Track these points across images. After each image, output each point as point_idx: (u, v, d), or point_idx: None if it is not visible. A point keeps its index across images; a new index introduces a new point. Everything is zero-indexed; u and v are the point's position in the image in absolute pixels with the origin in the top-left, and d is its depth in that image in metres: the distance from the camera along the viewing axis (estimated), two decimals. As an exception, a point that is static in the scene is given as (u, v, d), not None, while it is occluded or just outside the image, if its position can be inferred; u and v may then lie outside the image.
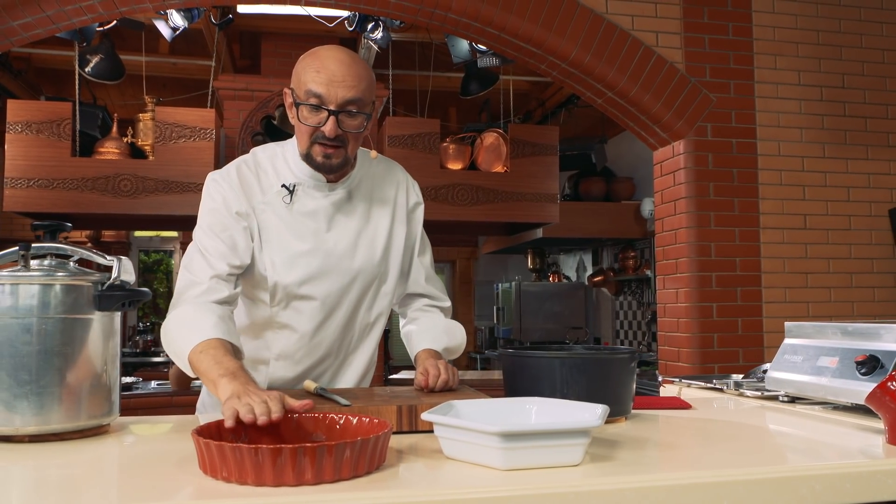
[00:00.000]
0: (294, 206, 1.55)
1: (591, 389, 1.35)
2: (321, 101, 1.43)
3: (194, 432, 0.98)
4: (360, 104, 1.46)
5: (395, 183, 1.68)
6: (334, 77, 1.43)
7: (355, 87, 1.44)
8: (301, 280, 1.54)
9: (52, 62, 6.59)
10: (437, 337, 1.65)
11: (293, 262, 1.53)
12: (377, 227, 1.62)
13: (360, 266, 1.59)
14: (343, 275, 1.57)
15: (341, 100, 1.44)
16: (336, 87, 1.43)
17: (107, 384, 1.28)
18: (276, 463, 0.89)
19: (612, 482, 0.96)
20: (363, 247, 1.59)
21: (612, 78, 3.41)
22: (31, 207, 4.46)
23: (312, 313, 1.56)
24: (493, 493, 0.91)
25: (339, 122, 1.45)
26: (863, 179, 3.66)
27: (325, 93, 1.43)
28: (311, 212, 1.56)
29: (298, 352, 1.54)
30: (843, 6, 3.71)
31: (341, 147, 1.49)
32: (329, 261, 1.56)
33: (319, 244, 1.55)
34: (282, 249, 1.53)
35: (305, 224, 1.55)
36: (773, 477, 1.01)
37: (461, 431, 1.02)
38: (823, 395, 1.55)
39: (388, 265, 1.64)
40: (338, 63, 1.45)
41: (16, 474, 1.05)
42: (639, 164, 7.10)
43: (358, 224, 1.60)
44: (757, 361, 3.38)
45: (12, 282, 1.21)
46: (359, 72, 1.47)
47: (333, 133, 1.45)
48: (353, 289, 1.59)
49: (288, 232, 1.54)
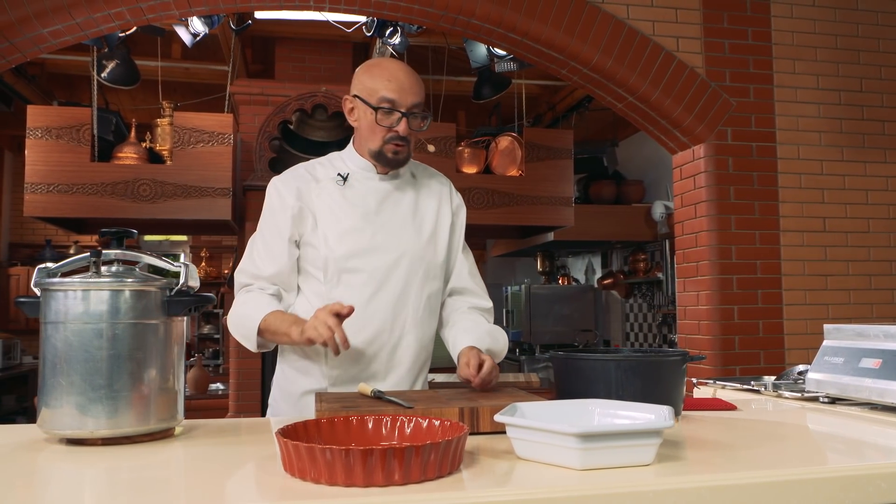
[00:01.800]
0: (346, 190, 1.74)
1: (646, 391, 1.37)
2: (394, 105, 1.66)
3: (278, 434, 1.01)
4: (422, 107, 1.71)
5: (439, 181, 1.88)
6: (403, 85, 1.67)
7: (419, 94, 1.70)
8: (350, 253, 1.69)
9: (65, 67, 6.63)
10: (481, 338, 1.72)
11: (342, 237, 1.70)
12: (424, 214, 1.79)
13: (407, 244, 1.73)
14: (391, 251, 1.72)
15: (410, 104, 1.67)
16: (406, 94, 1.66)
17: (174, 388, 1.31)
18: (366, 464, 0.92)
19: (687, 481, 0.99)
20: (410, 228, 1.75)
21: (634, 83, 3.44)
22: (51, 212, 4.49)
23: (362, 287, 1.69)
24: (577, 493, 0.94)
25: (409, 123, 1.68)
26: (881, 182, 3.69)
27: (397, 98, 1.66)
28: (361, 195, 1.74)
29: (352, 327, 1.60)
30: (861, 11, 3.74)
31: (408, 144, 1.71)
32: (377, 238, 1.71)
33: (368, 223, 1.72)
34: (333, 226, 1.71)
35: (356, 205, 1.73)
36: (839, 475, 1.04)
37: (537, 433, 1.05)
38: (867, 396, 1.57)
39: (435, 248, 1.78)
40: (405, 73, 1.69)
41: (102, 477, 1.07)
42: (648, 168, 7.13)
43: (406, 209, 1.77)
44: (778, 363, 3.41)
45: (84, 288, 1.24)
46: (419, 81, 1.73)
47: (406, 132, 1.68)
48: (400, 265, 1.72)
49: (340, 211, 1.72)
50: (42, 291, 1.26)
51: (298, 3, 3.33)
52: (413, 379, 1.75)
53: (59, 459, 1.17)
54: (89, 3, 2.95)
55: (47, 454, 1.20)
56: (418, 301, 1.73)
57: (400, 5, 3.33)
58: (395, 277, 1.71)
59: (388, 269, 1.71)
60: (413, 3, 3.30)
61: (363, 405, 1.35)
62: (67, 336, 1.22)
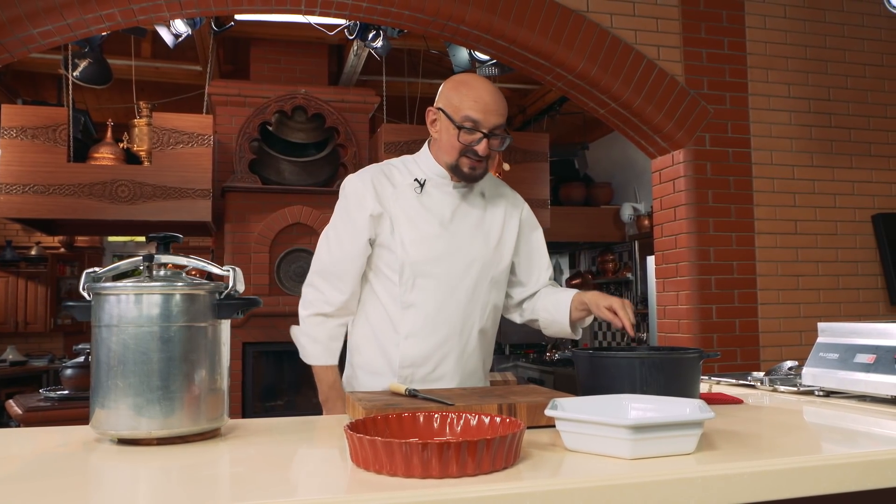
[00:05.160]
0: (423, 197, 1.80)
1: (668, 386, 1.46)
2: (476, 125, 1.71)
3: (347, 428, 1.06)
4: (503, 128, 1.76)
5: (503, 196, 1.93)
6: (488, 106, 1.71)
7: (503, 115, 1.74)
8: (426, 258, 1.76)
9: (31, 65, 6.49)
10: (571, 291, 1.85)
11: (421, 242, 1.77)
12: (492, 223, 1.85)
13: (477, 252, 1.80)
14: (463, 257, 1.79)
15: (492, 125, 1.72)
16: (490, 115, 1.71)
17: (221, 388, 1.34)
18: (442, 456, 0.98)
19: (730, 468, 1.07)
20: (480, 236, 1.82)
21: (617, 89, 3.55)
22: (26, 213, 4.42)
23: (435, 292, 1.76)
24: (633, 480, 1.01)
25: (490, 143, 1.74)
26: (848, 187, 3.88)
27: (481, 119, 1.71)
28: (437, 202, 1.81)
29: (424, 329, 1.69)
30: (829, 23, 3.92)
31: (484, 161, 1.77)
32: (452, 244, 1.78)
33: (444, 229, 1.79)
34: (411, 231, 1.77)
35: (432, 212, 1.79)
36: (863, 461, 1.14)
37: (589, 426, 1.12)
38: (863, 390, 1.69)
39: (501, 256, 1.85)
40: (490, 94, 1.73)
41: (174, 474, 1.11)
42: (616, 170, 7.30)
43: (476, 218, 1.83)
44: (753, 360, 3.56)
45: (138, 291, 1.27)
46: (504, 102, 1.77)
47: (486, 152, 1.74)
48: (471, 271, 1.80)
49: (417, 217, 1.78)
50: (94, 295, 1.29)
51: (289, 6, 3.35)
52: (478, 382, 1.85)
53: (116, 459, 1.20)
54: (82, 5, 2.94)
55: (102, 454, 1.22)
56: (485, 306, 1.82)
57: (390, 11, 3.38)
58: (466, 283, 1.79)
59: (459, 274, 1.78)
60: (403, 8, 3.35)
61: (404, 403, 1.41)
62: (124, 339, 1.25)
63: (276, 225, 5.06)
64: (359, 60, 5.58)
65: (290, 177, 5.24)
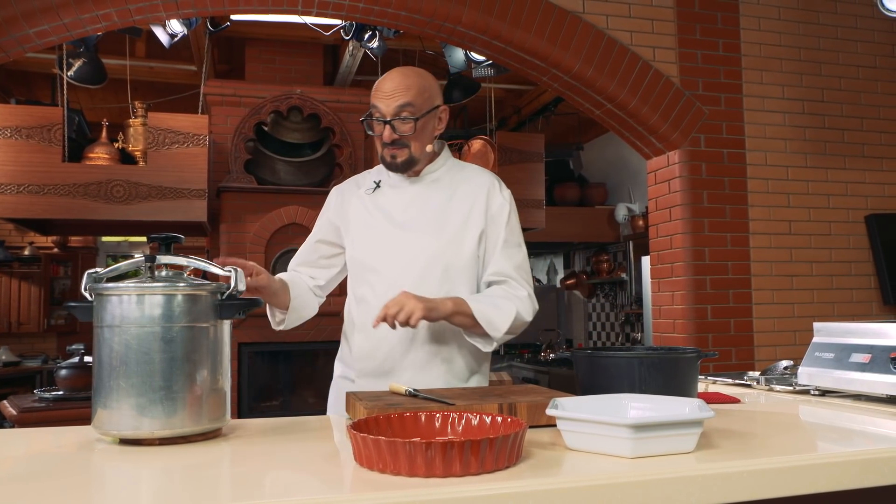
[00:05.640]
0: (377, 197, 1.86)
1: (667, 386, 1.47)
2: (378, 112, 1.75)
3: (350, 427, 1.07)
4: (411, 110, 1.74)
5: (476, 185, 1.85)
6: (385, 92, 1.74)
7: (403, 96, 1.73)
8: (371, 254, 1.80)
9: (24, 64, 6.47)
10: (479, 298, 1.74)
11: (367, 239, 1.82)
12: (451, 216, 1.81)
13: (427, 243, 1.78)
14: (409, 251, 1.78)
15: (394, 107, 1.73)
16: (386, 100, 1.74)
17: (223, 388, 1.35)
18: (446, 456, 0.98)
19: (730, 466, 1.08)
20: (433, 230, 1.79)
21: (613, 90, 3.57)
22: (20, 213, 4.41)
23: (378, 286, 1.78)
24: (634, 478, 1.02)
25: (394, 127, 1.74)
26: (841, 188, 3.91)
27: (379, 105, 1.75)
28: (390, 200, 1.85)
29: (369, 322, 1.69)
30: (822, 25, 3.95)
31: (404, 148, 1.77)
32: (400, 238, 1.79)
33: (391, 225, 1.81)
34: (360, 230, 1.84)
35: (383, 209, 1.83)
36: (860, 459, 1.15)
37: (590, 425, 1.13)
38: (859, 389, 1.70)
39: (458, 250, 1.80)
40: (389, 80, 1.75)
41: (177, 474, 1.12)
42: (611, 171, 7.33)
43: (432, 212, 1.81)
44: (748, 360, 3.59)
45: (140, 292, 1.27)
46: (408, 83, 1.75)
47: (389, 138, 1.75)
48: (416, 264, 1.77)
49: (368, 217, 1.84)
50: (96, 296, 1.29)
51: (286, 6, 3.36)
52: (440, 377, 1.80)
53: (118, 459, 1.20)
54: (78, 4, 2.93)
55: (104, 454, 1.23)
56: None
57: (388, 12, 3.39)
58: (410, 275, 1.76)
59: (402, 268, 1.77)
60: (401, 9, 3.36)
61: (405, 403, 1.41)
62: (126, 339, 1.25)
63: (271, 225, 5.06)
64: (354, 60, 5.58)
65: (286, 177, 5.24)
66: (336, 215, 1.92)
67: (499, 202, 1.83)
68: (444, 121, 1.85)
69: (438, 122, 1.83)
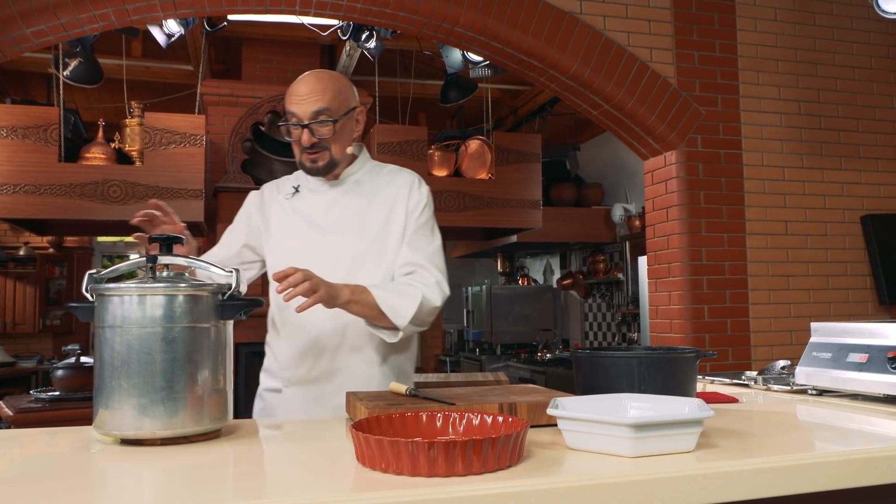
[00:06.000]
0: (296, 201, 1.85)
1: (666, 385, 1.48)
2: (295, 117, 1.73)
3: (352, 427, 1.08)
4: (328, 113, 1.72)
5: (396, 185, 1.85)
6: (300, 97, 1.72)
7: (319, 99, 1.71)
8: (290, 259, 1.69)
9: (20, 64, 6.46)
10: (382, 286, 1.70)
11: (286, 245, 1.80)
12: (372, 217, 1.80)
13: (349, 245, 1.77)
14: (330, 253, 1.76)
15: (310, 112, 1.71)
16: (304, 104, 1.71)
17: (224, 389, 1.35)
18: (448, 455, 0.99)
19: (730, 465, 1.09)
20: (354, 230, 1.79)
21: (610, 91, 3.57)
22: (17, 214, 4.40)
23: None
24: (635, 478, 1.03)
25: (313, 131, 1.72)
26: (837, 188, 3.93)
27: (296, 110, 1.72)
28: (309, 204, 1.83)
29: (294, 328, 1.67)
30: (818, 26, 3.97)
31: (324, 151, 1.75)
32: (320, 242, 1.78)
33: (311, 229, 1.80)
34: (280, 236, 1.82)
35: (302, 214, 1.82)
36: (858, 458, 1.16)
37: (591, 424, 1.14)
38: (856, 388, 1.71)
39: (382, 250, 1.78)
40: (303, 84, 1.73)
41: (179, 474, 1.12)
42: (607, 171, 7.34)
43: (353, 214, 1.81)
44: (744, 359, 3.60)
45: (141, 293, 1.27)
46: (323, 86, 1.72)
47: (309, 142, 1.73)
48: (339, 266, 1.74)
49: (287, 221, 1.83)
50: (97, 296, 1.29)
51: (284, 7, 3.36)
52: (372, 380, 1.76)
53: (120, 459, 1.20)
54: (76, 4, 2.93)
55: (106, 454, 1.23)
56: None
57: (385, 12, 3.39)
58: (335, 278, 1.68)
59: (326, 272, 1.67)
60: (399, 9, 3.36)
61: (405, 402, 1.42)
62: (128, 340, 1.25)
63: (268, 225, 5.05)
64: (351, 61, 5.58)
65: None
66: (260, 219, 1.87)
67: (416, 199, 1.82)
68: (362, 122, 1.83)
69: (356, 124, 1.81)
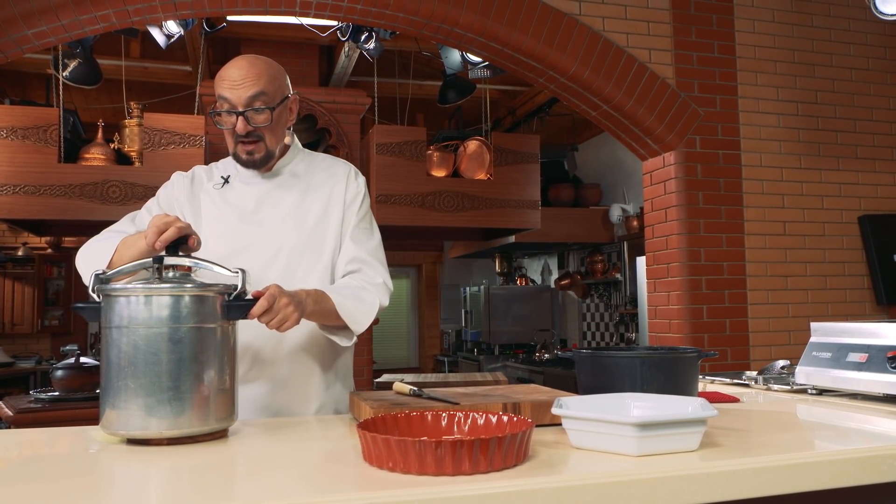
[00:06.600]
0: (226, 192, 1.73)
1: (668, 385, 1.49)
2: (229, 103, 1.60)
3: (358, 427, 1.08)
4: (264, 99, 1.61)
5: (332, 175, 1.79)
6: (234, 81, 1.59)
7: (255, 84, 1.59)
8: (226, 253, 1.63)
9: (18, 65, 6.45)
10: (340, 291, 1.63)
11: (219, 238, 1.68)
12: (309, 209, 1.73)
13: (286, 238, 1.70)
14: (267, 247, 1.69)
15: (245, 97, 1.59)
16: (238, 90, 1.59)
17: (230, 389, 1.36)
18: (455, 454, 1.00)
19: (733, 464, 1.10)
20: (290, 224, 1.71)
21: (609, 92, 3.59)
22: (17, 214, 4.40)
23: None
24: (640, 476, 1.04)
25: (248, 119, 1.61)
26: (835, 189, 3.95)
27: (229, 95, 1.60)
28: (240, 196, 1.73)
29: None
30: (816, 28, 3.99)
31: (260, 141, 1.65)
32: (255, 235, 1.69)
33: (244, 222, 1.70)
34: (212, 227, 1.69)
35: (233, 205, 1.72)
36: (859, 457, 1.17)
37: (595, 423, 1.15)
38: (855, 388, 1.73)
39: (322, 239, 1.73)
40: (236, 69, 1.61)
41: (185, 473, 1.13)
42: (605, 171, 7.36)
43: (288, 206, 1.73)
44: (743, 359, 3.61)
45: (148, 293, 1.28)
46: (257, 71, 1.61)
47: (244, 130, 1.61)
48: (278, 260, 1.69)
49: (218, 213, 1.71)
50: (104, 297, 1.30)
51: (284, 8, 3.36)
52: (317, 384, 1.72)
53: (127, 459, 1.21)
54: (77, 5, 2.93)
55: (112, 454, 1.23)
56: None
57: (384, 13, 3.40)
58: (274, 272, 1.66)
59: (264, 265, 1.66)
60: (398, 10, 3.37)
61: (410, 402, 1.43)
62: (135, 340, 1.26)
63: (267, 226, 5.05)
64: (349, 61, 5.59)
65: (282, 177, 5.23)
66: (189, 209, 1.72)
67: (353, 190, 1.78)
68: (295, 111, 1.75)
69: (290, 113, 1.72)
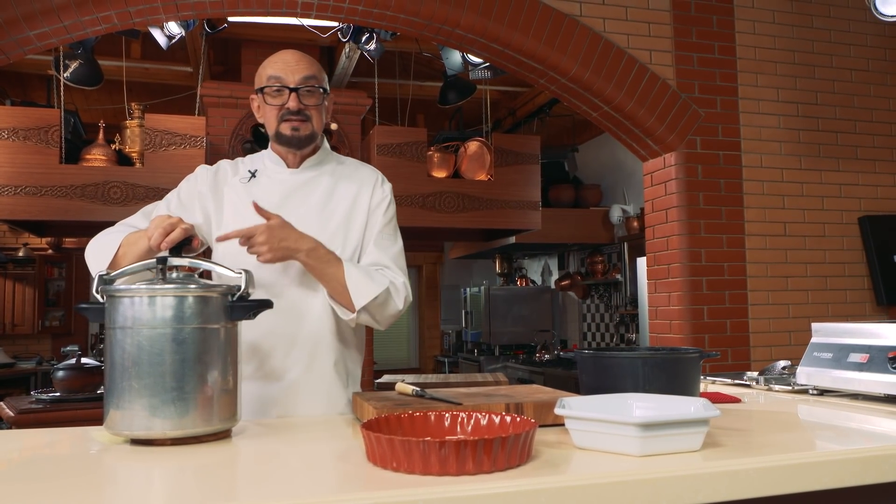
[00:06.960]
0: (252, 187, 1.75)
1: (670, 385, 1.49)
2: (281, 82, 1.68)
3: (362, 427, 1.09)
4: (316, 80, 1.69)
5: (359, 180, 1.81)
6: (289, 62, 1.68)
7: (309, 67, 1.69)
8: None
9: (19, 66, 6.46)
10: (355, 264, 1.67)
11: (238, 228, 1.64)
12: (334, 210, 1.75)
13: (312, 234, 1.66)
14: None
15: (299, 77, 1.68)
16: (292, 69, 1.68)
17: (233, 389, 1.36)
18: (459, 454, 1.00)
19: (735, 464, 1.11)
20: (314, 222, 1.70)
21: (609, 93, 3.59)
22: (18, 215, 4.40)
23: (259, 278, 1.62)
24: (643, 476, 1.04)
25: (300, 97, 1.68)
26: (835, 189, 3.95)
27: (283, 75, 1.68)
28: (266, 190, 1.74)
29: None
30: (816, 29, 3.99)
31: (307, 121, 1.70)
32: None
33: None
34: (233, 218, 1.71)
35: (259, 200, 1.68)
36: (861, 457, 1.17)
37: (598, 423, 1.15)
38: (856, 388, 1.73)
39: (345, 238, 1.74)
40: (290, 53, 1.71)
41: (190, 473, 1.13)
42: (605, 172, 7.36)
43: (316, 202, 1.75)
44: (743, 360, 3.62)
45: (151, 294, 1.28)
46: (310, 59, 1.72)
47: (297, 106, 1.68)
48: None
49: (242, 205, 1.71)
50: (108, 297, 1.30)
51: (285, 9, 3.37)
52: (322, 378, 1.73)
53: (130, 459, 1.21)
54: (79, 6, 2.94)
55: (116, 454, 1.24)
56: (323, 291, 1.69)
57: (385, 14, 3.40)
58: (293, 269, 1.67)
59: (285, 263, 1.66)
60: (399, 12, 3.38)
61: (413, 402, 1.43)
62: (139, 340, 1.26)
63: (268, 226, 5.05)
64: (350, 62, 5.59)
65: (283, 178, 5.24)
66: (213, 203, 1.74)
67: (380, 195, 1.80)
68: (330, 112, 1.80)
69: (326, 112, 1.77)
